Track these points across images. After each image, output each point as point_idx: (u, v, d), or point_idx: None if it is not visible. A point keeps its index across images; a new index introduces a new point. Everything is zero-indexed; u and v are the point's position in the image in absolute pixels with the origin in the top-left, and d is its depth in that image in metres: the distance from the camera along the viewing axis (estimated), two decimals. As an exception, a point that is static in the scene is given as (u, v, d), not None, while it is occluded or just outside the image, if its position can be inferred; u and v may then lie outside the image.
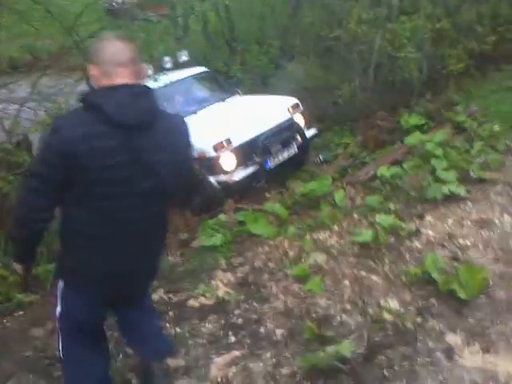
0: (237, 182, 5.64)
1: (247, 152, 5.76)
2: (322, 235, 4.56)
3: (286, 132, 6.10)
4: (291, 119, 6.23)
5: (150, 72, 6.93)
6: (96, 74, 2.06)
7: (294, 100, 6.49)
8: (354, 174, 6.30)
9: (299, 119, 6.38)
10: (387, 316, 3.12)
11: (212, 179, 5.69)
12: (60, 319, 2.33)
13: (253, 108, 6.46)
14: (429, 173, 5.24)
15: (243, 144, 5.74)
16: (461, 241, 3.89)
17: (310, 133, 6.56)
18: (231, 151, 5.66)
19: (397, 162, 5.98)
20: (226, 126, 5.98)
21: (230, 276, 4.09)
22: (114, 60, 2.01)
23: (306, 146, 6.38)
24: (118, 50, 2.04)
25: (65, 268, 2.25)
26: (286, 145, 6.05)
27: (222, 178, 5.64)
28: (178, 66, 7.27)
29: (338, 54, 8.11)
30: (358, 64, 7.57)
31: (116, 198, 2.04)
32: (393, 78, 7.52)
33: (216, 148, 5.56)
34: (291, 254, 4.21)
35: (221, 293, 3.77)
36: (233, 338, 3.15)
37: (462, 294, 3.10)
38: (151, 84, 6.20)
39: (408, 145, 6.19)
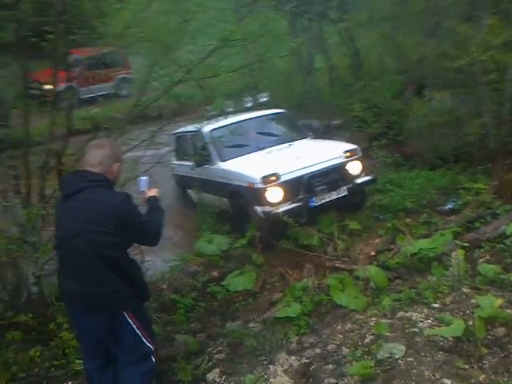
0: (279, 214, 5.69)
1: (294, 188, 5.96)
2: (416, 314, 3.72)
3: (334, 174, 6.21)
4: (343, 163, 6.33)
5: (231, 109, 7.49)
6: None
7: (353, 146, 6.62)
8: (480, 230, 5.24)
9: (354, 165, 6.44)
10: None
11: (258, 209, 5.91)
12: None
13: (310, 150, 6.74)
14: None
15: (290, 180, 5.96)
16: None
17: (363, 178, 6.49)
18: (278, 185, 5.90)
19: (534, 217, 4.84)
20: (279, 162, 6.28)
21: (293, 360, 3.50)
22: None
23: (357, 190, 6.42)
24: None
25: None
26: (333, 186, 6.15)
27: (267, 208, 5.84)
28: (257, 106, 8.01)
29: (468, 86, 7.04)
30: (488, 96, 6.41)
31: None
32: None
33: (264, 180, 5.84)
34: (368, 339, 3.46)
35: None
36: None
37: None
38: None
39: (549, 195, 4.97)
